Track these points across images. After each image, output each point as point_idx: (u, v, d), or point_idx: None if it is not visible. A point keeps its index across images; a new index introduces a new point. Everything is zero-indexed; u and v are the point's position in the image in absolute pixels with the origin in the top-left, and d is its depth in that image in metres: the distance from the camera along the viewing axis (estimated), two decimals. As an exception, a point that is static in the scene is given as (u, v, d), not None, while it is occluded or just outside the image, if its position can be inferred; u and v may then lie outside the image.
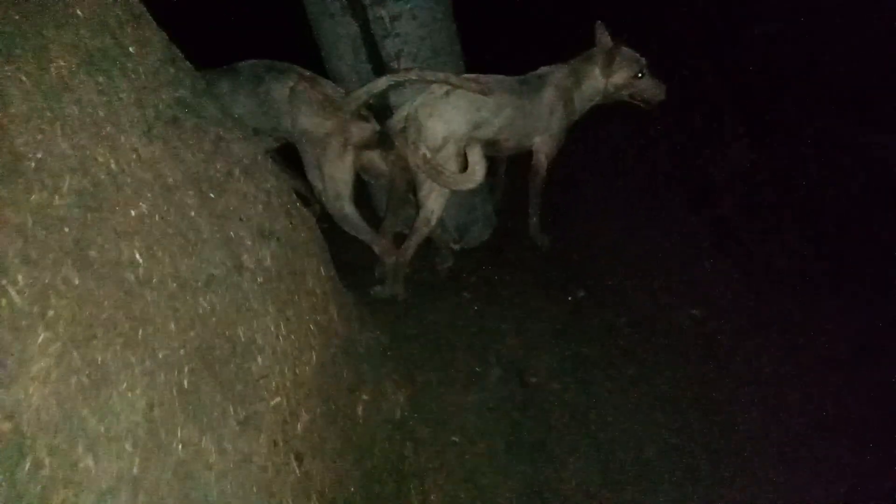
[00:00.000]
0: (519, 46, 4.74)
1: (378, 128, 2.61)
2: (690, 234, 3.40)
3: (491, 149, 2.91)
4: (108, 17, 1.35)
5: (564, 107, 2.89)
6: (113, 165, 1.21)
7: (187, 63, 1.67)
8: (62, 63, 1.16)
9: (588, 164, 3.79)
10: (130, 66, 1.36)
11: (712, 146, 3.98)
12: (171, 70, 1.54)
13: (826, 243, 3.23)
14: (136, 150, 1.29)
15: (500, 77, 2.74)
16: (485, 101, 2.58)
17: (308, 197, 3.08)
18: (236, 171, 1.65)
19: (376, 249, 2.81)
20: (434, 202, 2.66)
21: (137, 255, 1.22)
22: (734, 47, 4.50)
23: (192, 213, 1.42)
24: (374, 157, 2.74)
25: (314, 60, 2.77)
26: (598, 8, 3.12)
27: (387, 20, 2.44)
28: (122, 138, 1.27)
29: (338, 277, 2.30)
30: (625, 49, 2.90)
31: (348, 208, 2.68)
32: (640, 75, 2.91)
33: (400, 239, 3.02)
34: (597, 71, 2.91)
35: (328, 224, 2.76)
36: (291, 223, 1.89)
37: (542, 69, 2.92)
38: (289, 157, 2.89)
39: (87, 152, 1.17)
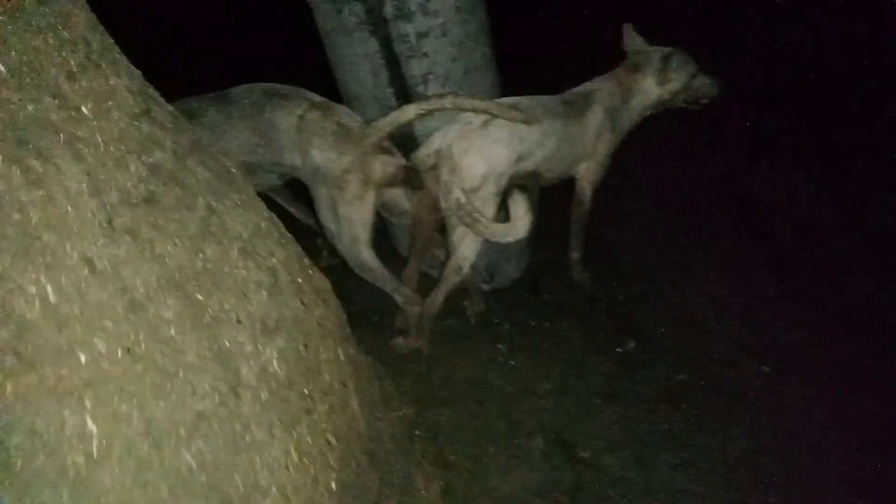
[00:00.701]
0: (548, 50, 4.35)
1: (404, 163, 2.22)
2: (750, 272, 3.00)
3: (530, 180, 2.53)
4: (48, 64, 0.96)
5: (612, 129, 2.50)
6: (51, 296, 0.83)
7: (167, 109, 1.30)
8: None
9: (631, 188, 3.38)
10: (83, 136, 0.98)
11: (765, 166, 3.58)
12: (145, 128, 1.16)
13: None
14: (87, 260, 0.92)
15: (543, 99, 2.35)
16: (528, 130, 2.19)
17: (317, 231, 2.71)
18: (233, 254, 1.27)
19: (398, 300, 2.43)
20: (468, 248, 2.28)
21: (89, 422, 0.85)
22: (779, 50, 4.11)
23: (171, 332, 1.05)
24: (398, 194, 2.36)
25: (326, 83, 2.38)
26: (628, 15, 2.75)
27: (412, 38, 2.05)
28: (67, 247, 0.89)
29: (356, 345, 1.93)
30: (678, 50, 2.52)
31: (366, 253, 2.30)
32: (695, 75, 2.55)
33: (425, 280, 2.65)
34: (650, 80, 2.53)
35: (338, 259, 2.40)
36: (303, 302, 1.52)
37: (586, 85, 2.53)
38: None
39: (11, 283, 0.79)
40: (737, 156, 3.71)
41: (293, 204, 2.84)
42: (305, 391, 1.41)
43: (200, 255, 1.16)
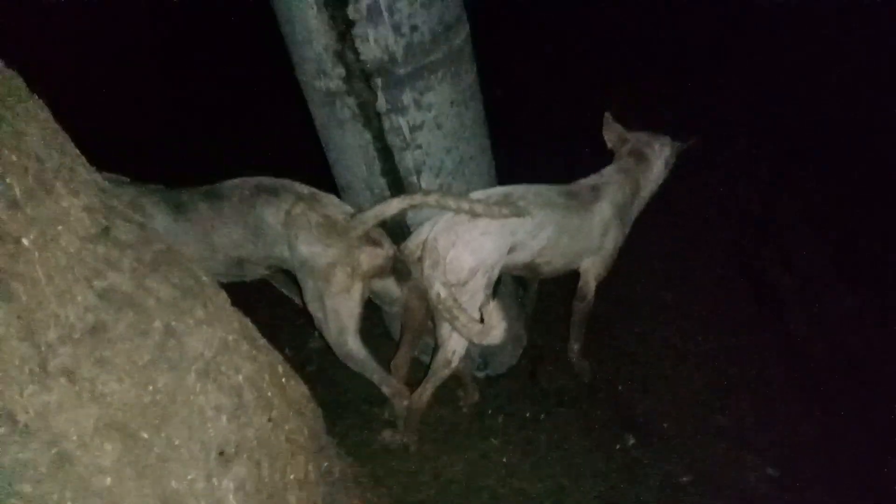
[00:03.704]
0: (548, 135, 4.36)
1: (392, 253, 2.15)
2: (758, 360, 2.86)
3: (527, 272, 2.45)
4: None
5: (622, 223, 2.43)
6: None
7: (134, 222, 1.24)
8: None
9: (635, 267, 3.28)
10: (19, 272, 0.91)
11: (777, 244, 3.48)
12: (100, 249, 1.10)
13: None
14: (9, 416, 0.83)
15: (540, 188, 2.28)
16: (521, 221, 2.12)
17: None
18: (189, 379, 1.18)
19: (386, 391, 2.33)
20: (457, 341, 2.18)
21: None
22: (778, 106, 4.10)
23: (107, 482, 0.95)
24: (389, 282, 2.28)
25: (324, 167, 2.35)
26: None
27: (406, 130, 2.01)
28: (-16, 404, 0.81)
29: (336, 451, 1.82)
30: (670, 139, 2.55)
31: (353, 344, 2.21)
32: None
33: (416, 367, 2.55)
34: (659, 167, 2.53)
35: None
36: (271, 419, 1.42)
37: (594, 178, 2.46)
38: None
39: None
40: (748, 234, 3.63)
41: (287, 286, 2.78)
42: (266, 522, 1.30)
43: (150, 387, 1.08)
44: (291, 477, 1.45)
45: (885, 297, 3.07)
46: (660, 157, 2.51)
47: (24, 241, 0.94)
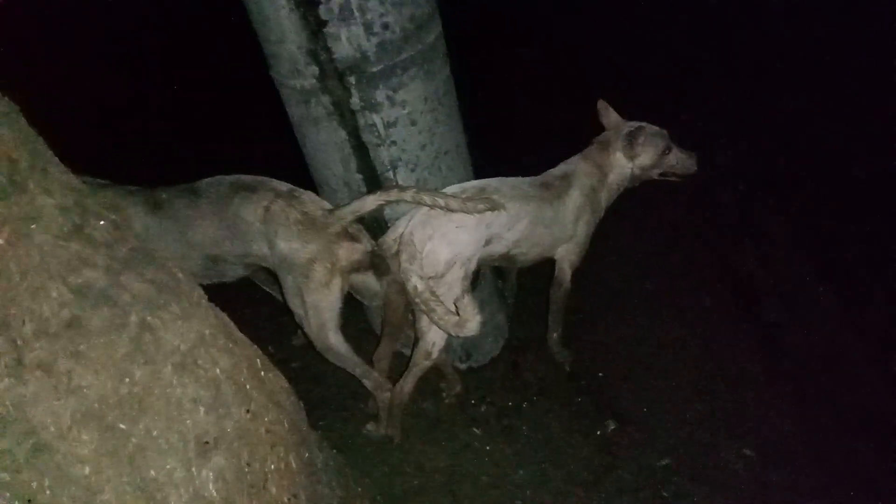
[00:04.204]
0: (525, 128, 4.40)
1: (370, 248, 2.19)
2: (736, 351, 2.92)
3: (505, 262, 2.49)
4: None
5: (592, 210, 2.47)
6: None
7: (109, 219, 1.26)
8: None
9: (613, 262, 3.34)
10: (-6, 269, 0.94)
11: (756, 243, 3.55)
12: (74, 247, 1.12)
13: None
14: (-15, 406, 0.86)
15: (514, 181, 2.33)
16: (495, 214, 2.17)
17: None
18: (166, 372, 1.21)
19: (368, 385, 2.37)
20: (436, 333, 2.23)
21: None
22: (763, 120, 4.16)
23: (85, 471, 0.99)
24: (369, 277, 2.32)
25: (300, 165, 2.38)
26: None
27: (380, 127, 2.05)
28: (-39, 396, 0.84)
29: (318, 442, 1.85)
30: (646, 125, 2.50)
31: (334, 339, 2.24)
32: (666, 151, 2.50)
33: (398, 361, 2.59)
34: (619, 156, 2.49)
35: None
36: (249, 410, 1.45)
37: (562, 167, 2.51)
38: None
39: None
40: (727, 232, 3.68)
41: (269, 284, 2.81)
42: (246, 509, 1.33)
43: (126, 380, 1.11)
44: (272, 467, 1.48)
45: (858, 294, 3.14)
46: (620, 146, 2.47)
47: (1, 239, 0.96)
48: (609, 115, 2.58)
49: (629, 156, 2.48)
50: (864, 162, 3.52)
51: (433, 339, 2.24)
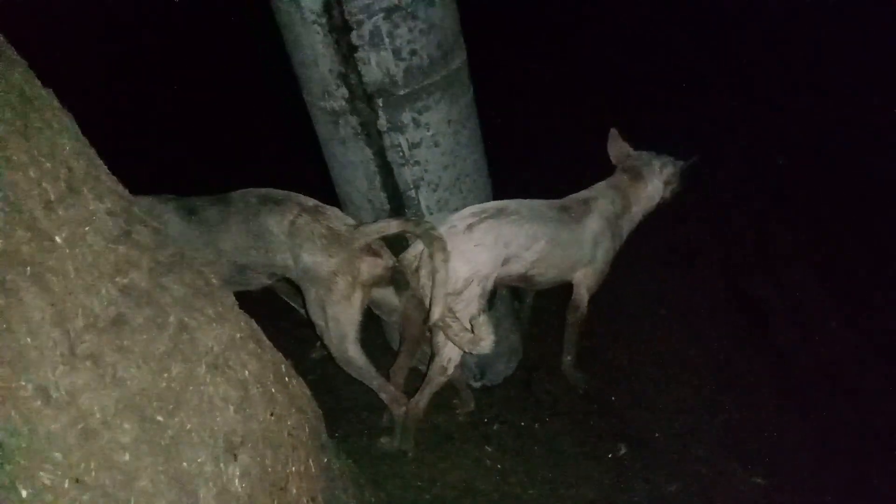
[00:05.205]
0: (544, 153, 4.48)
1: (392, 263, 2.26)
2: (747, 374, 2.94)
3: (523, 283, 2.54)
4: (25, 197, 1.02)
5: (612, 237, 2.53)
6: (-3, 432, 0.85)
7: (151, 226, 1.35)
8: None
9: (629, 285, 3.38)
10: (53, 266, 1.02)
11: (766, 264, 3.58)
12: (122, 249, 1.20)
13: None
14: (42, 391, 0.94)
15: (533, 203, 2.40)
16: (514, 233, 2.24)
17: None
18: (200, 370, 1.29)
19: (384, 398, 2.42)
20: (452, 350, 2.28)
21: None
22: (784, 146, 4.22)
23: (126, 457, 1.05)
24: (388, 292, 2.39)
25: (326, 180, 2.47)
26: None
27: (405, 147, 2.13)
28: (22, 379, 0.91)
29: (336, 450, 1.90)
30: (673, 160, 2.61)
31: (353, 351, 2.31)
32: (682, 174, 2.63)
33: (415, 375, 2.64)
34: (655, 185, 2.60)
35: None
36: (274, 413, 1.52)
37: (585, 192, 2.57)
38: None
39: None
40: (738, 253, 3.73)
41: (291, 296, 2.89)
42: (268, 507, 1.38)
43: (165, 375, 1.18)
44: (293, 469, 1.54)
45: (872, 317, 3.15)
46: (658, 176, 2.59)
47: (57, 239, 1.05)
48: (618, 144, 2.66)
49: (668, 186, 2.60)
50: (879, 175, 3.56)
51: (449, 354, 2.29)
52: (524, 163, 4.19)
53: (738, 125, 4.59)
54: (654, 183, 2.60)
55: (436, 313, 2.02)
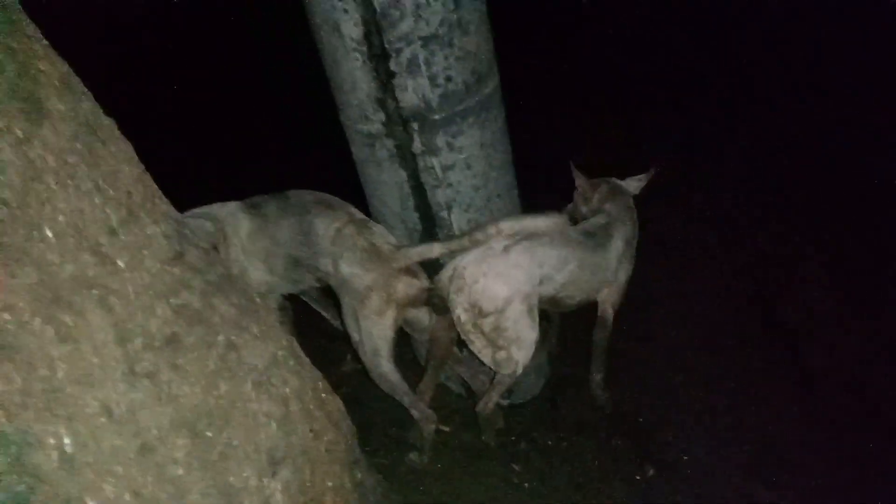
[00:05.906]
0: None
1: (426, 286, 2.31)
2: (774, 394, 2.92)
3: (551, 306, 2.58)
4: (91, 223, 1.08)
5: (631, 257, 2.60)
6: (68, 447, 0.91)
7: (201, 247, 1.41)
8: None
9: (655, 303, 3.39)
10: (115, 288, 1.08)
11: (791, 280, 3.56)
12: (176, 271, 1.27)
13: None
14: (106, 408, 1.00)
15: (563, 227, 2.43)
16: (547, 255, 2.28)
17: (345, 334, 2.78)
18: (246, 387, 1.34)
19: (415, 414, 2.46)
20: (517, 351, 2.31)
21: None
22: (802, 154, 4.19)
23: (179, 472, 1.11)
24: (420, 313, 2.44)
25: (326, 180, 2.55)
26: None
27: (438, 170, 2.19)
28: (89, 396, 0.97)
29: (367, 466, 1.94)
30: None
31: (386, 366, 2.35)
32: None
33: (444, 393, 2.68)
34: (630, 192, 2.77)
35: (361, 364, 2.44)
36: (313, 429, 1.57)
37: (601, 218, 2.61)
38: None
39: (32, 438, 0.87)
40: (763, 269, 3.70)
41: (325, 307, 2.94)
42: (307, 523, 1.43)
43: (214, 392, 1.24)
44: (329, 484, 1.58)
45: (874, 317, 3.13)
46: (636, 192, 2.76)
47: (119, 263, 1.11)
48: (580, 178, 2.75)
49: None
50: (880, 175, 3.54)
51: (517, 357, 2.31)
52: (523, 162, 4.22)
53: (738, 125, 4.58)
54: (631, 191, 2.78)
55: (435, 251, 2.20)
